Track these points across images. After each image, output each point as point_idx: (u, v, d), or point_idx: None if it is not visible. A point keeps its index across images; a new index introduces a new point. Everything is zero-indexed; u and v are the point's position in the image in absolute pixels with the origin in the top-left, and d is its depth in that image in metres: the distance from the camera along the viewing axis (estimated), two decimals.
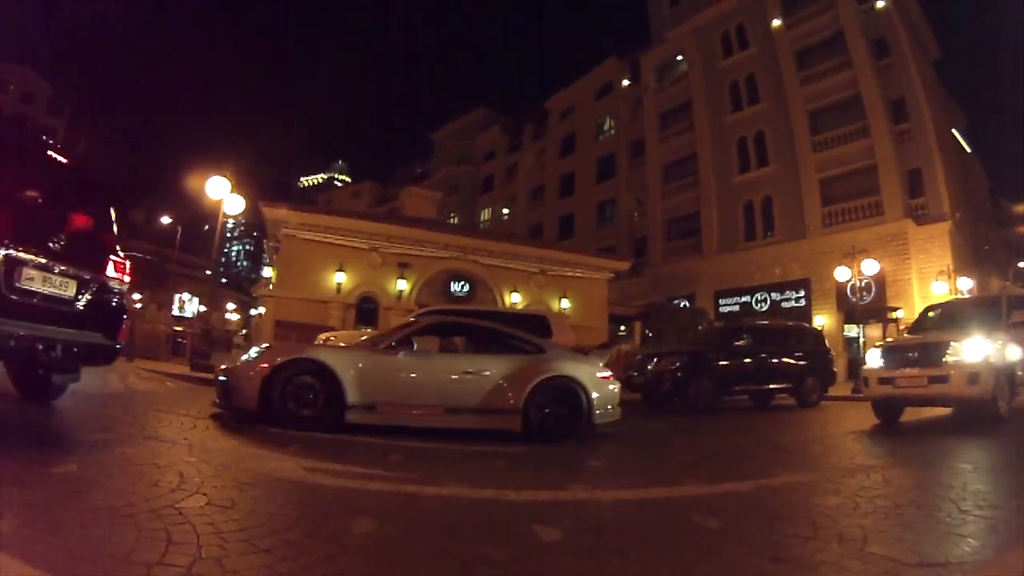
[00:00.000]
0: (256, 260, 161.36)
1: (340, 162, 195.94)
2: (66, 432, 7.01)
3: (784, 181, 43.24)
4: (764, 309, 43.07)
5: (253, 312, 61.97)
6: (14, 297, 6.43)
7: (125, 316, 8.45)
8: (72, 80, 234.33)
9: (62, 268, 7.04)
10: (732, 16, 48.78)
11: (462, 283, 35.80)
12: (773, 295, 43.10)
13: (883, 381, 13.35)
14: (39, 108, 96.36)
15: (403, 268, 34.26)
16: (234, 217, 29.04)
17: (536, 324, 17.45)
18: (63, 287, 7.10)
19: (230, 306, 78.94)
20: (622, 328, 45.85)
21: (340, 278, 33.08)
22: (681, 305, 44.82)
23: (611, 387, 10.40)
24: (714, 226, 46.93)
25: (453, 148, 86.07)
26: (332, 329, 25.78)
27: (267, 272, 56.92)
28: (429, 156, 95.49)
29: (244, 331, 66.15)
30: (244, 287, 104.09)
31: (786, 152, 43.42)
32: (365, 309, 33.90)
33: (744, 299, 44.72)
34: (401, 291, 34.12)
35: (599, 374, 10.32)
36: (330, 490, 5.28)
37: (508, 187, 75.16)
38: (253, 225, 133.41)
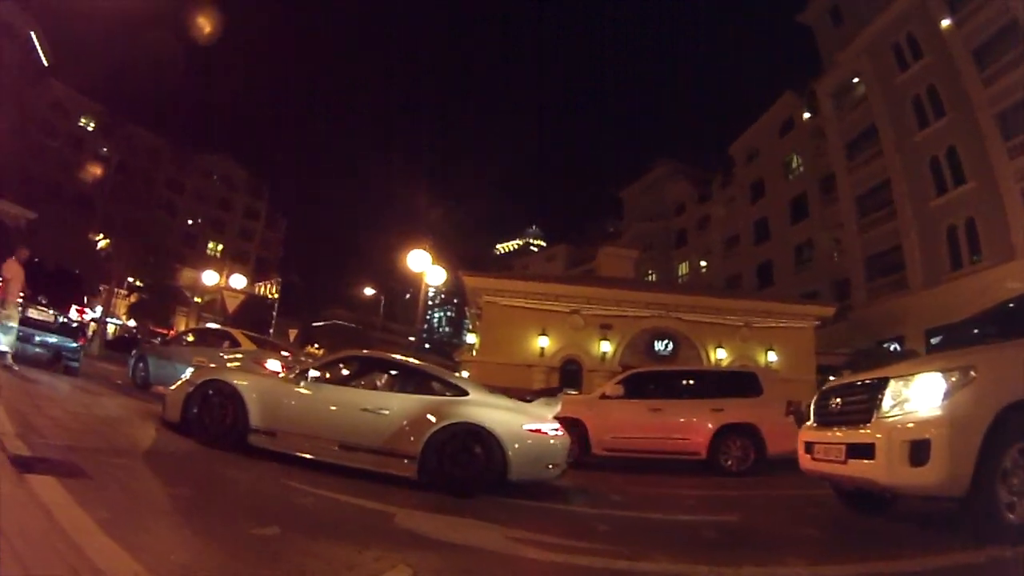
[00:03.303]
0: (456, 326, 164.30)
1: (533, 227, 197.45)
2: (274, 492, 7.18)
3: (984, 197, 38.81)
4: None
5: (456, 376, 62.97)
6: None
7: (83, 332, 18.20)
8: (273, 159, 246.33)
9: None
10: (898, 25, 44.99)
11: (665, 342, 35.02)
12: None
13: (808, 447, 8.06)
14: (240, 191, 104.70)
15: (605, 329, 33.97)
16: (437, 287, 29.87)
17: (747, 382, 16.82)
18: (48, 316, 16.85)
19: (456, 375, 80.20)
20: (831, 378, 44.18)
21: (543, 342, 33.23)
22: (891, 348, 41.98)
23: (542, 442, 9.24)
24: (916, 258, 42.80)
25: (643, 204, 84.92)
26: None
27: (470, 338, 57.71)
28: (620, 214, 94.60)
29: None
30: (447, 351, 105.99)
31: (982, 164, 39.09)
32: (569, 371, 33.72)
33: None
34: (604, 353, 33.82)
35: (526, 426, 9.20)
36: (537, 565, 5.17)
37: (702, 239, 73.17)
38: (452, 292, 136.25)
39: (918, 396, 6.30)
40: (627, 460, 14.72)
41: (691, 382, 17.12)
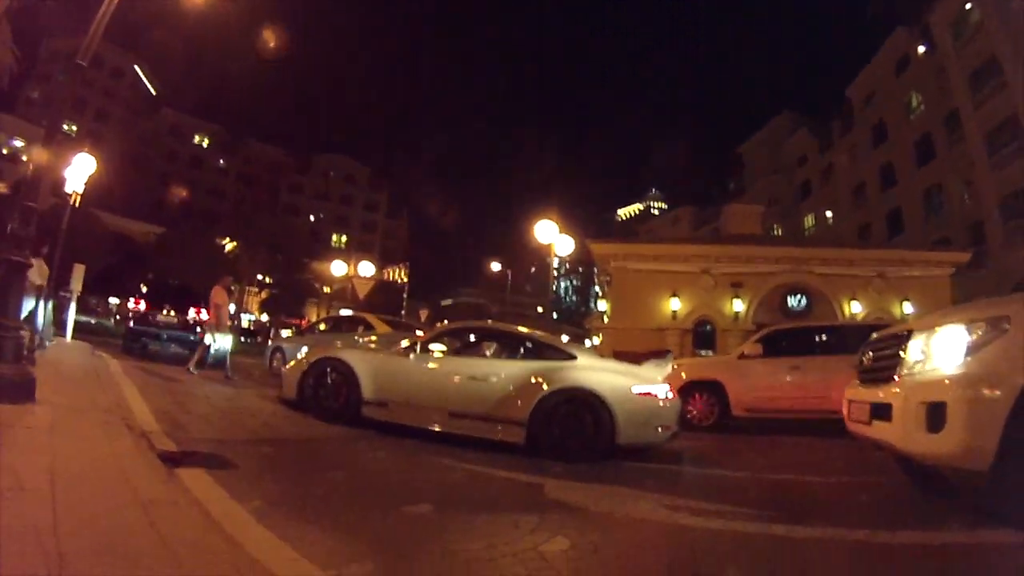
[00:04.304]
0: (583, 294, 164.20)
1: (654, 190, 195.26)
2: (420, 469, 7.29)
3: None
4: None
5: (587, 344, 63.09)
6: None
7: (200, 328, 20.08)
8: (392, 146, 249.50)
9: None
10: None
11: (799, 297, 34.14)
12: None
13: (850, 405, 7.16)
14: (359, 185, 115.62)
15: (736, 288, 33.48)
16: (562, 257, 30.15)
17: None
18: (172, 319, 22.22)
19: (564, 338, 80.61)
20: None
21: (675, 304, 33.09)
22: None
23: (651, 404, 9.06)
24: None
25: (763, 159, 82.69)
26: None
27: (600, 306, 57.77)
28: (740, 171, 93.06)
29: None
30: (575, 320, 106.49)
31: None
32: (702, 333, 33.67)
33: None
34: (737, 312, 33.35)
35: (636, 389, 9.04)
36: (695, 531, 5.00)
37: (827, 190, 70.52)
38: (577, 261, 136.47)
39: (940, 351, 5.36)
40: (764, 421, 14.40)
41: (831, 337, 16.47)
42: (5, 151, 66.82)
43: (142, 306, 22.41)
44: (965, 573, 4.12)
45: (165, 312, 22.24)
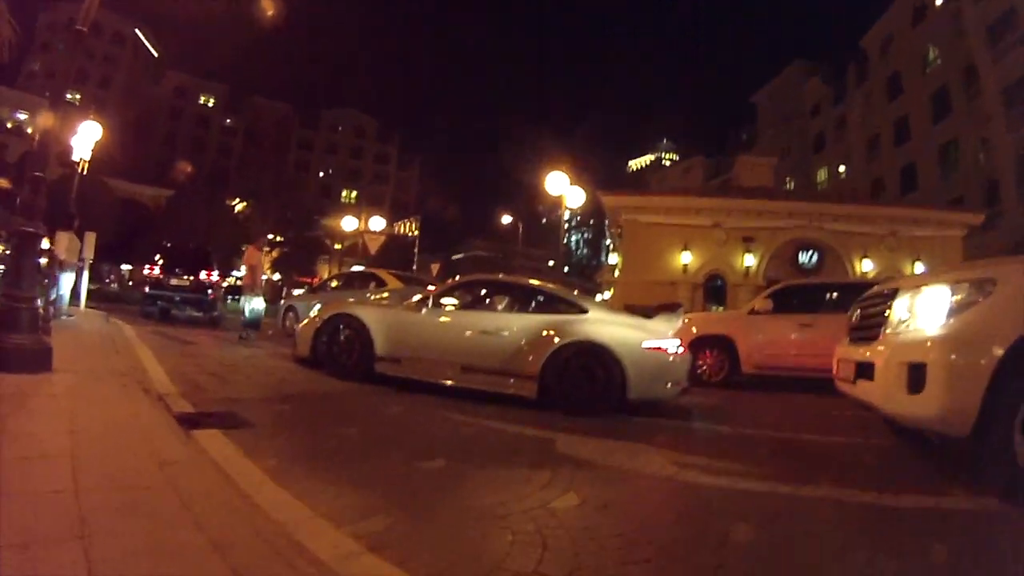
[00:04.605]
0: (595, 248, 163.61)
1: (665, 141, 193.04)
2: (434, 425, 7.31)
3: None
4: None
5: (599, 298, 63.02)
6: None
7: (210, 288, 23.01)
8: (401, 99, 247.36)
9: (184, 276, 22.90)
10: None
11: (810, 253, 33.79)
12: None
13: (839, 363, 6.99)
14: (369, 138, 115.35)
15: (748, 242, 33.26)
16: (573, 210, 30.18)
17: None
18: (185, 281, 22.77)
19: (575, 293, 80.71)
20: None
21: (686, 258, 32.98)
22: None
23: (662, 359, 8.97)
24: None
25: (776, 108, 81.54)
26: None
27: (611, 259, 57.68)
28: (753, 121, 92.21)
29: None
30: (587, 274, 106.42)
31: None
32: (713, 287, 33.63)
33: None
34: (748, 267, 33.18)
35: (647, 343, 8.96)
36: (703, 489, 5.09)
37: (840, 142, 69.44)
38: (589, 214, 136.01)
39: (924, 312, 5.26)
40: (773, 378, 14.31)
41: (841, 295, 16.45)
42: (9, 125, 67.04)
43: (156, 271, 22.76)
44: (970, 538, 4.18)
45: (179, 275, 22.92)
